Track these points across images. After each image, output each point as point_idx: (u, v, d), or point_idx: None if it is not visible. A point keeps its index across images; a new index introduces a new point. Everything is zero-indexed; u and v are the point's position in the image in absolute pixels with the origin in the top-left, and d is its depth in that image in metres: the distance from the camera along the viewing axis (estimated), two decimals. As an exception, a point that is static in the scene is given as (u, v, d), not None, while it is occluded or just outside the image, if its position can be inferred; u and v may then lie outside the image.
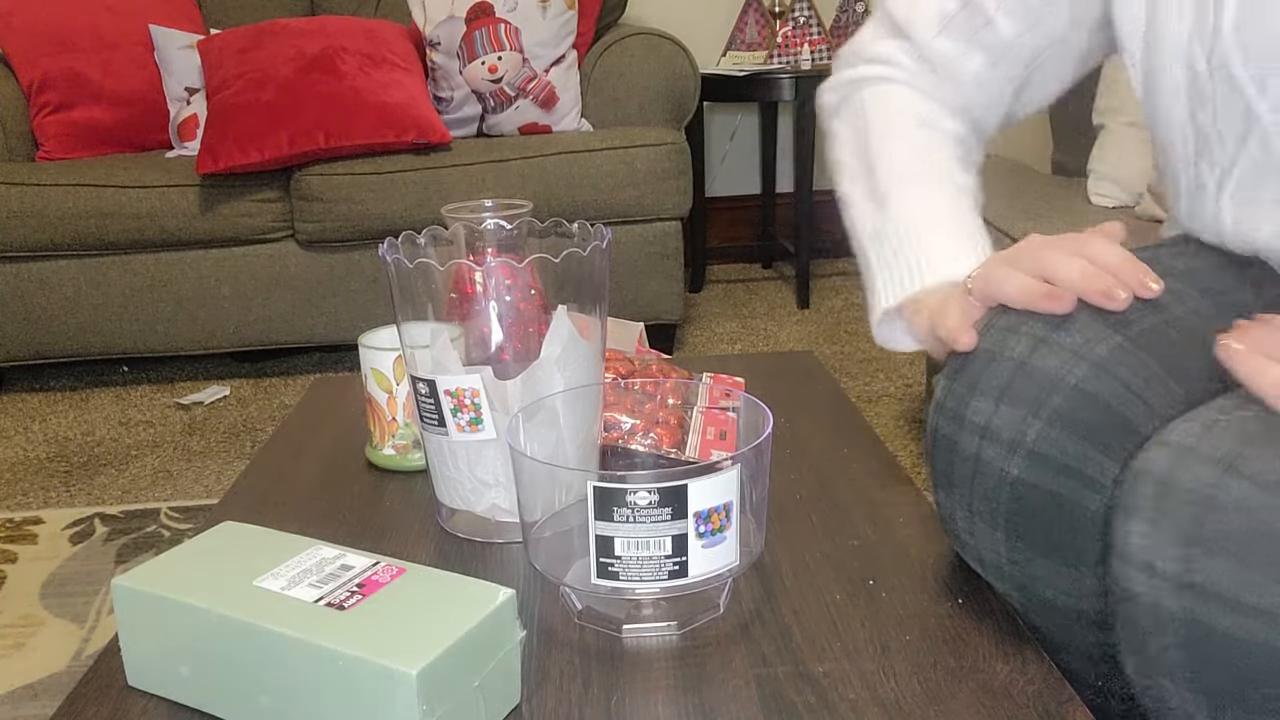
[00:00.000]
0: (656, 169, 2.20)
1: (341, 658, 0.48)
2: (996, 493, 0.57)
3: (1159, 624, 0.49)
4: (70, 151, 2.37)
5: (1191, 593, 0.48)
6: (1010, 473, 0.56)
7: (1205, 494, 0.48)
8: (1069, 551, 0.56)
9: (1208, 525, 0.47)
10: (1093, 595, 0.57)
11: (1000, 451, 0.57)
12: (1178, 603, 0.48)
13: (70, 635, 1.32)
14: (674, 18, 3.07)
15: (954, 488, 0.60)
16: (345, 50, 2.20)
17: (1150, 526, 0.49)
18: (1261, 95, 0.56)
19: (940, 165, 0.76)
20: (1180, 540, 0.48)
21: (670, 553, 0.55)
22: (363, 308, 2.27)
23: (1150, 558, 0.49)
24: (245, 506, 0.79)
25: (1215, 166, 0.63)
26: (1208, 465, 0.48)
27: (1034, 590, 0.59)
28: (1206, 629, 0.47)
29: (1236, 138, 0.60)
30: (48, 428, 2.10)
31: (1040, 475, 0.55)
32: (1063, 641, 0.61)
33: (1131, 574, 0.50)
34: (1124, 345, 0.55)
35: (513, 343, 0.67)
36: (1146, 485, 0.50)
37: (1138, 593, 0.50)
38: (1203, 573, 0.47)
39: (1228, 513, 0.47)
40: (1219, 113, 0.60)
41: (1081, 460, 0.54)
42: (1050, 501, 0.56)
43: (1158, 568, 0.49)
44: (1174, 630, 0.49)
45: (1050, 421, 0.55)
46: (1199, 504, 0.48)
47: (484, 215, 0.78)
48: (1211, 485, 0.48)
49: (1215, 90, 0.59)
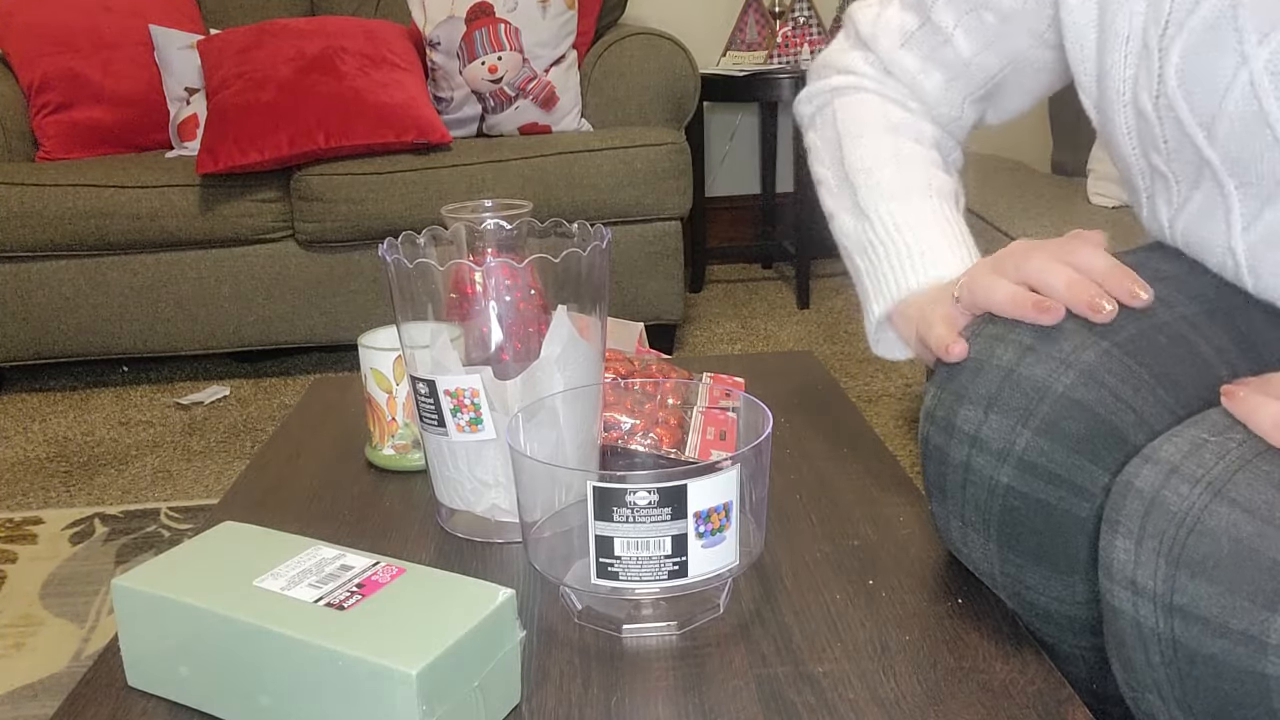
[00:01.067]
0: (656, 169, 2.20)
1: (341, 658, 0.48)
2: (988, 502, 0.57)
3: (1143, 641, 0.49)
4: (70, 152, 2.37)
5: (1175, 614, 0.47)
6: (1000, 481, 0.56)
7: (1192, 516, 0.47)
8: (1060, 559, 0.56)
9: (1192, 548, 0.47)
10: (1086, 602, 0.57)
11: (990, 460, 0.57)
12: (1161, 623, 0.48)
13: (70, 635, 1.32)
14: (674, 18, 3.07)
15: (946, 497, 0.60)
16: (345, 50, 2.20)
17: (1135, 544, 0.49)
18: (1210, 142, 0.56)
19: (917, 169, 0.76)
20: (1165, 560, 0.48)
21: (670, 553, 0.55)
22: (363, 308, 2.27)
23: (1134, 575, 0.49)
24: (245, 506, 0.79)
25: (1170, 205, 0.63)
26: (1195, 487, 0.48)
27: (1027, 598, 0.59)
28: (1190, 651, 0.47)
29: (1189, 181, 0.60)
30: (48, 428, 2.10)
31: (1030, 484, 0.55)
32: (1058, 648, 0.61)
33: (1116, 590, 0.50)
34: (1112, 352, 0.55)
35: (513, 343, 0.67)
36: (1133, 501, 0.50)
37: (1121, 609, 0.50)
38: (1186, 594, 0.47)
39: (1214, 537, 0.46)
40: (1171, 156, 0.60)
41: (1071, 469, 0.54)
42: (1040, 510, 0.55)
43: (1141, 585, 0.49)
44: (1158, 649, 0.49)
45: (1039, 430, 0.55)
46: (1184, 526, 0.47)
47: (484, 215, 0.78)
48: (1198, 508, 0.47)
49: (1165, 133, 0.59)
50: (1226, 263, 0.60)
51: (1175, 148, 0.59)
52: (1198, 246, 0.62)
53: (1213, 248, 0.61)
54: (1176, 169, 0.60)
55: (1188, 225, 0.62)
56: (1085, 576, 0.57)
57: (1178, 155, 0.59)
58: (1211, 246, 0.61)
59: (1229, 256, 0.60)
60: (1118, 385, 0.54)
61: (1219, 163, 0.56)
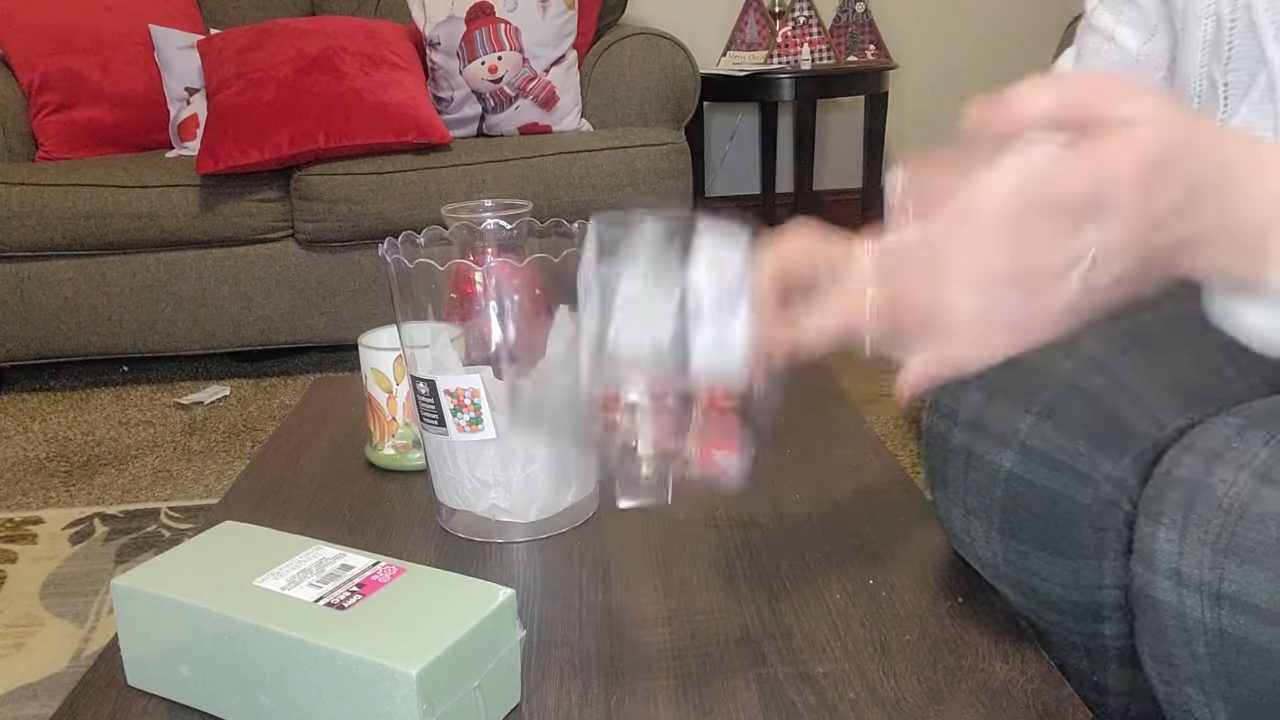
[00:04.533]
0: (656, 169, 2.20)
1: (341, 658, 0.48)
2: (990, 489, 0.57)
3: (1186, 632, 0.49)
4: (70, 151, 2.37)
5: (1223, 603, 0.47)
6: (1003, 467, 0.57)
7: (1239, 503, 0.46)
8: (1064, 545, 0.56)
9: (1241, 535, 0.46)
10: (1090, 588, 0.58)
11: (992, 446, 0.57)
12: (1208, 612, 0.47)
13: (70, 635, 1.32)
14: (674, 18, 3.07)
15: (948, 485, 0.60)
16: (345, 50, 2.20)
17: (1178, 534, 0.48)
18: (1276, 40, 0.56)
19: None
20: (1211, 549, 0.47)
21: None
22: (363, 308, 2.27)
23: (1178, 565, 0.48)
24: (245, 506, 0.78)
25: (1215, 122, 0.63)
26: (1241, 473, 0.47)
27: (1030, 585, 0.59)
28: (1238, 640, 0.46)
29: (1240, 89, 0.59)
30: (47, 428, 2.10)
31: (1032, 470, 0.56)
32: (1060, 638, 0.62)
33: (1157, 581, 0.49)
34: (1115, 339, 0.55)
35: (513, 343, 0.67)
36: (1174, 491, 0.49)
37: (1163, 600, 0.49)
38: (1235, 583, 0.46)
39: (1264, 523, 0.46)
40: (1232, 63, 0.59)
41: (1073, 455, 0.54)
42: (1043, 496, 0.56)
43: (1186, 575, 0.48)
44: (1203, 640, 0.48)
45: (1041, 416, 0.55)
46: (1232, 513, 0.47)
47: (484, 215, 0.78)
48: (1246, 494, 0.46)
49: (1234, 40, 0.59)
50: None
51: (1240, 53, 0.58)
52: None
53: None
54: (1233, 79, 0.60)
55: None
56: (1089, 562, 0.57)
57: (1240, 62, 0.59)
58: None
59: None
60: (1120, 372, 0.54)
61: (1277, 61, 0.56)
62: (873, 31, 2.97)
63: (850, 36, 2.97)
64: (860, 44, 2.97)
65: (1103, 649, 0.61)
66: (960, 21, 3.18)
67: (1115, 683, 0.63)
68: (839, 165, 3.24)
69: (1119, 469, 0.56)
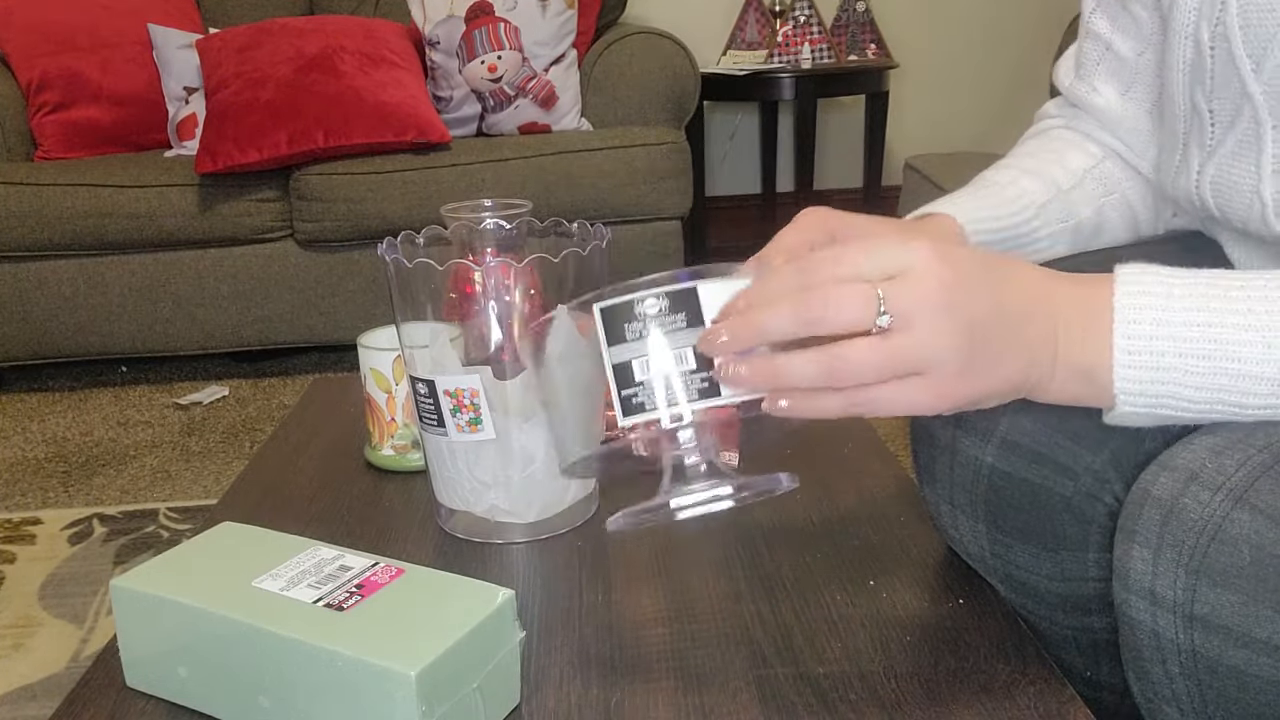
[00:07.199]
0: (656, 169, 2.20)
1: (340, 659, 0.48)
2: (974, 483, 0.59)
3: (1161, 652, 0.49)
4: (69, 151, 2.37)
5: (1196, 624, 0.47)
6: (985, 462, 0.58)
7: (1212, 524, 0.46)
8: (1047, 536, 0.57)
9: (1213, 557, 0.46)
10: (1076, 579, 0.58)
11: (974, 441, 0.58)
12: (1181, 633, 0.47)
13: (69, 636, 1.32)
14: (674, 17, 3.07)
15: (935, 481, 0.62)
16: (344, 49, 2.20)
17: (1152, 554, 0.48)
18: (1256, 75, 0.56)
19: (1040, 154, 0.74)
20: (1184, 570, 0.47)
21: (695, 367, 0.49)
22: (362, 308, 2.26)
23: (1152, 585, 0.48)
24: (244, 507, 0.78)
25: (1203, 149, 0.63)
26: (1216, 494, 0.47)
27: (1018, 579, 0.60)
28: (1211, 661, 0.46)
29: (1226, 118, 0.60)
30: (46, 428, 2.09)
31: (1013, 463, 0.57)
32: (1053, 633, 0.62)
33: (1133, 600, 0.49)
34: None
35: (512, 343, 0.67)
36: (1150, 510, 0.49)
37: (1139, 620, 0.49)
38: (1207, 604, 0.46)
39: (1236, 545, 0.45)
40: (1215, 91, 0.60)
41: (1052, 447, 0.56)
42: (1024, 489, 0.57)
43: (1160, 596, 0.48)
44: (1177, 660, 0.48)
45: (1019, 409, 0.56)
46: (1205, 534, 0.46)
47: (484, 215, 0.78)
48: (1219, 516, 0.46)
49: (1214, 69, 0.59)
50: (1254, 206, 0.59)
51: (1221, 83, 0.59)
52: (1226, 191, 0.61)
53: (1241, 190, 0.60)
54: (1217, 107, 0.60)
55: (1218, 169, 0.61)
56: (1073, 554, 0.57)
57: (1221, 91, 0.59)
58: (1240, 189, 0.60)
59: (1256, 200, 0.59)
60: None
61: (1261, 97, 0.56)
62: (873, 30, 2.97)
63: (851, 35, 2.97)
64: (861, 43, 2.97)
65: (1095, 644, 0.62)
66: (960, 21, 3.18)
67: (1109, 678, 0.63)
68: (839, 164, 3.24)
69: (1099, 461, 0.56)
